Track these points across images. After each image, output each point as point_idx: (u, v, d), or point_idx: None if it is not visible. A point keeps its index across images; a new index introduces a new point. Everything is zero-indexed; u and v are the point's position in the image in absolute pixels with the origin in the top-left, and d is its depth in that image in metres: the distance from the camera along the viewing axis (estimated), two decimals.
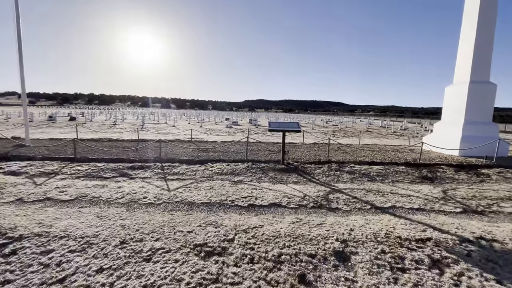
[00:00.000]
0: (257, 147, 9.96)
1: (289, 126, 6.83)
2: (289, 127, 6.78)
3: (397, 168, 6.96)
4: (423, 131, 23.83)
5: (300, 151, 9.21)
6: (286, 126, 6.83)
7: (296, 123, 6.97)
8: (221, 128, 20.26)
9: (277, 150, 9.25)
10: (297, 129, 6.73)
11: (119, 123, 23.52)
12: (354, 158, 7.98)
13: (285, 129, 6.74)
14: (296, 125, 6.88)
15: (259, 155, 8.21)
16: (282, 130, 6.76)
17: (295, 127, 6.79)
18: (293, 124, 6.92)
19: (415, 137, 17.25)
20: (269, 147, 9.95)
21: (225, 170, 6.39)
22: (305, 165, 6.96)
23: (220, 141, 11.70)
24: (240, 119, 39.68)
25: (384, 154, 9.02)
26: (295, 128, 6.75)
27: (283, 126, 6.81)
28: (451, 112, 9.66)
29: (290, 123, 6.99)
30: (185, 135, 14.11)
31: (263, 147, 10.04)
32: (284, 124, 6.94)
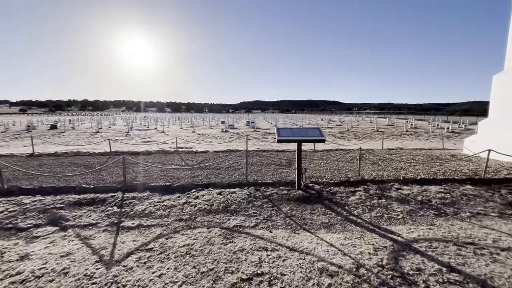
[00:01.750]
0: (259, 158, 7.84)
1: (307, 134, 4.71)
2: (307, 136, 4.66)
3: (463, 188, 4.87)
4: (435, 128, 21.89)
5: (315, 163, 7.09)
6: (302, 134, 4.71)
7: (317, 129, 4.85)
8: (216, 133, 18.10)
9: (285, 162, 7.14)
10: (320, 139, 4.61)
11: (104, 130, 21.24)
12: (393, 173, 5.89)
13: (302, 138, 4.62)
14: (317, 132, 4.75)
15: (264, 172, 6.08)
16: (297, 140, 4.64)
17: (317, 135, 4.67)
18: (312, 131, 4.80)
19: (446, 138, 15.22)
20: (274, 158, 7.84)
21: (215, 203, 4.24)
22: (331, 189, 4.84)
23: (213, 150, 9.56)
24: (236, 121, 37.54)
25: (424, 163, 6.94)
26: (317, 137, 4.63)
27: (298, 135, 4.69)
28: (504, 107, 7.60)
29: (306, 129, 4.87)
30: (172, 143, 11.92)
31: (266, 158, 7.92)
32: (299, 131, 4.81)
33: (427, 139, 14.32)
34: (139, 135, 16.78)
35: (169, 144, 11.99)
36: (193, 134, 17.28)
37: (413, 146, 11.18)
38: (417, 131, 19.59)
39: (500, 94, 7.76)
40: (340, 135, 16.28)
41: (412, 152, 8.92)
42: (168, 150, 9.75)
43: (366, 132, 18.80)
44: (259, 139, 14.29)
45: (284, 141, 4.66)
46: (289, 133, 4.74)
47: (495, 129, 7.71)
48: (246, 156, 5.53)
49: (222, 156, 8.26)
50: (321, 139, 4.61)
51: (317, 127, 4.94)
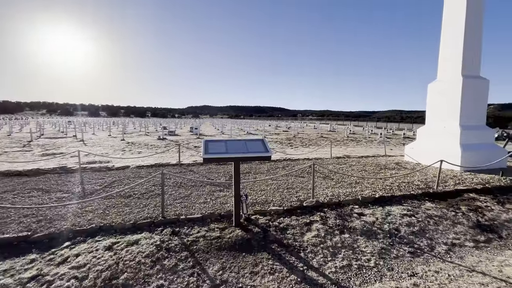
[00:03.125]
0: (192, 175, 6.20)
1: (247, 148, 3.36)
2: (247, 152, 3.30)
3: (424, 207, 4.23)
4: (370, 134, 23.70)
5: (261, 181, 5.84)
6: (239, 149, 3.33)
7: (260, 142, 3.56)
8: (150, 141, 15.53)
9: (225, 181, 5.69)
10: (265, 155, 3.31)
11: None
12: (349, 190, 5.03)
13: (240, 156, 3.25)
14: (261, 145, 3.45)
15: (193, 199, 4.51)
16: (233, 158, 3.25)
17: (260, 150, 3.36)
18: (254, 144, 3.47)
19: (382, 143, 16.01)
20: (212, 175, 6.31)
21: (93, 272, 2.49)
22: (281, 222, 3.59)
23: (136, 165, 7.46)
24: (180, 127, 34.59)
25: (376, 174, 6.42)
26: (261, 153, 3.31)
27: (234, 150, 3.30)
28: (439, 115, 7.78)
29: (246, 142, 3.53)
30: (86, 156, 9.20)
31: (201, 175, 6.34)
32: (236, 145, 3.43)
33: (367, 145, 14.86)
34: (44, 145, 13.04)
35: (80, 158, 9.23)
36: (120, 143, 14.37)
37: (358, 153, 11.13)
38: (356, 137, 20.71)
39: (435, 102, 7.96)
40: (287, 142, 15.75)
41: (360, 160, 8.56)
42: (71, 167, 7.23)
43: (311, 138, 18.89)
44: (199, 147, 12.50)
45: (213, 160, 3.21)
46: (221, 148, 3.32)
47: (432, 136, 7.84)
48: (163, 179, 3.86)
49: (143, 174, 6.33)
50: (266, 155, 3.32)
51: (261, 139, 3.66)
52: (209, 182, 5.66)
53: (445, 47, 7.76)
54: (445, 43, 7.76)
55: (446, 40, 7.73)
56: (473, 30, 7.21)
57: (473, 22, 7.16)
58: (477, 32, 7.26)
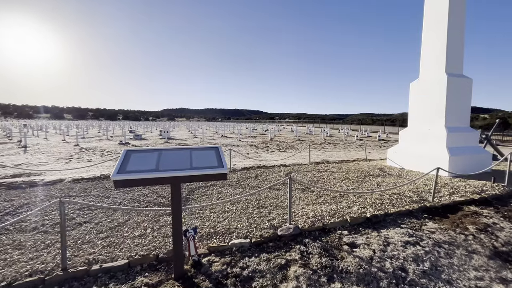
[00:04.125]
0: (140, 190, 4.88)
1: (190, 163, 2.22)
2: (190, 168, 2.16)
3: (428, 230, 3.38)
4: (346, 136, 23.62)
5: (225, 197, 4.71)
6: (178, 164, 2.19)
7: (213, 151, 2.44)
8: (109, 146, 13.68)
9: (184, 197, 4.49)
10: (218, 172, 2.18)
11: None
12: (334, 207, 4.08)
13: (176, 175, 2.10)
14: (214, 157, 2.34)
15: (125, 231, 3.26)
16: (167, 179, 2.09)
17: (211, 164, 2.24)
18: (203, 155, 2.35)
19: (360, 146, 15.60)
20: (166, 191, 5.05)
21: None
22: (245, 264, 2.50)
23: (73, 178, 5.94)
24: (151, 130, 32.32)
25: (361, 184, 5.59)
26: (212, 169, 2.19)
27: (170, 166, 2.15)
28: (423, 116, 7.24)
29: (191, 152, 2.40)
30: (14, 168, 7.38)
31: (152, 190, 5.05)
32: (175, 156, 2.29)
33: (345, 148, 14.36)
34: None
35: (4, 169, 7.40)
36: (72, 149, 12.39)
37: (337, 157, 10.43)
38: (333, 139, 20.37)
39: (418, 102, 7.42)
40: (263, 146, 14.77)
41: (341, 166, 7.77)
42: None
43: (289, 141, 18.13)
44: None
45: (132, 184, 2.02)
46: (150, 162, 2.15)
47: (416, 139, 7.27)
48: (62, 211, 2.57)
49: (75, 192, 4.88)
50: (219, 172, 2.20)
51: (216, 147, 2.53)
52: (158, 201, 4.40)
53: (427, 45, 7.26)
54: (427, 40, 7.26)
55: (428, 37, 7.24)
56: (457, 27, 6.76)
57: (456, 19, 6.71)
58: (460, 28, 6.83)
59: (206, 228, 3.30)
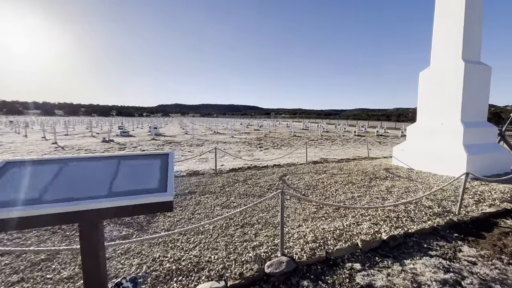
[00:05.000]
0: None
1: (110, 185, 1.31)
2: (111, 196, 1.25)
3: (466, 259, 2.54)
4: (343, 132, 22.84)
5: (200, 211, 3.82)
6: (97, 186, 1.28)
7: (160, 158, 1.54)
8: (91, 144, 12.62)
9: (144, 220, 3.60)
10: (158, 201, 1.29)
11: None
12: (338, 224, 3.22)
13: (88, 207, 1.18)
14: (156, 172, 1.43)
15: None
16: (54, 217, 1.17)
17: (150, 188, 1.33)
18: (140, 169, 1.44)
19: (358, 143, 14.79)
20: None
21: None
22: None
23: None
24: (141, 126, 31.10)
25: (368, 190, 4.74)
26: (149, 197, 1.28)
27: (74, 192, 1.23)
28: (434, 109, 6.40)
29: (124, 160, 1.50)
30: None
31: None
32: (88, 172, 1.38)
33: (343, 145, 13.55)
34: None
35: None
36: (48, 148, 11.31)
37: (336, 155, 9.59)
38: (330, 135, 19.57)
39: (428, 94, 6.57)
40: (257, 143, 13.87)
41: (342, 166, 6.92)
42: None
43: (284, 138, 17.25)
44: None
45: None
46: (33, 187, 1.22)
47: (426, 136, 6.44)
48: None
49: None
50: (160, 201, 1.29)
51: (165, 153, 1.62)
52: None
53: (440, 29, 6.38)
54: (440, 24, 6.38)
55: (442, 21, 6.35)
56: (475, 7, 5.89)
57: None
58: (479, 9, 5.96)
59: (167, 263, 2.40)
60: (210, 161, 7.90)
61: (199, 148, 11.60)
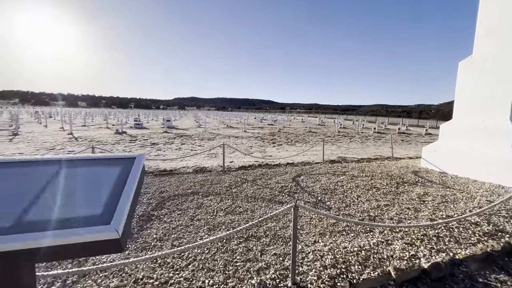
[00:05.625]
0: None
1: (24, 209, 0.85)
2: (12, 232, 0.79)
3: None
4: (362, 128, 21.66)
5: (202, 219, 3.36)
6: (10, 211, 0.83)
7: (122, 165, 1.07)
8: (104, 135, 12.63)
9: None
10: (97, 239, 0.82)
11: None
12: (363, 241, 2.64)
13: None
14: (105, 191, 0.96)
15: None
16: None
17: (86, 217, 0.86)
18: (96, 182, 0.98)
19: (377, 140, 13.85)
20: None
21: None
22: None
23: None
24: (157, 119, 31.40)
25: (396, 197, 4.09)
26: (79, 235, 0.81)
27: None
28: (477, 105, 5.53)
29: (75, 165, 1.04)
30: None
31: None
32: (17, 186, 0.93)
33: (362, 143, 12.68)
34: None
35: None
36: (62, 138, 11.40)
37: (355, 153, 8.85)
38: (348, 132, 18.59)
39: (470, 87, 5.69)
40: (270, 138, 13.30)
41: (363, 167, 6.24)
42: None
43: (298, 133, 16.54)
44: (158, 146, 9.81)
45: None
46: None
47: (465, 136, 5.60)
48: None
49: None
50: (102, 239, 0.81)
51: (132, 157, 1.14)
52: None
53: (488, 10, 5.44)
54: (489, 3, 5.44)
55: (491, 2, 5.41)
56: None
57: None
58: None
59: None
60: (219, 157, 7.47)
61: (210, 142, 11.24)
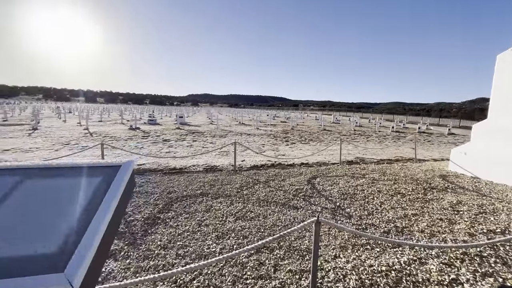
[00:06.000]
0: None
1: None
2: None
3: None
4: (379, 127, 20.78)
5: (210, 224, 3.12)
6: None
7: (105, 181, 0.83)
8: (118, 131, 12.77)
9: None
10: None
11: None
12: (391, 259, 2.30)
13: None
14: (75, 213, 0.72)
15: None
16: None
17: (25, 258, 0.61)
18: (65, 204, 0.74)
19: (397, 139, 13.19)
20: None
21: None
22: None
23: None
24: (170, 115, 31.75)
25: (424, 205, 3.67)
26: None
27: None
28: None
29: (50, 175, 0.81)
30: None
31: None
32: None
33: (380, 142, 12.07)
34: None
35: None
36: (78, 134, 11.62)
37: (374, 154, 8.35)
38: (365, 130, 17.87)
39: (509, 82, 5.10)
40: (283, 136, 12.94)
41: (384, 170, 5.80)
42: None
43: (312, 131, 16.06)
44: (169, 143, 9.73)
45: None
46: None
47: (503, 137, 5.03)
48: None
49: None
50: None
51: (117, 165, 0.89)
52: None
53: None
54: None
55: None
56: None
57: None
58: None
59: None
60: (231, 155, 7.24)
61: (221, 139, 11.05)
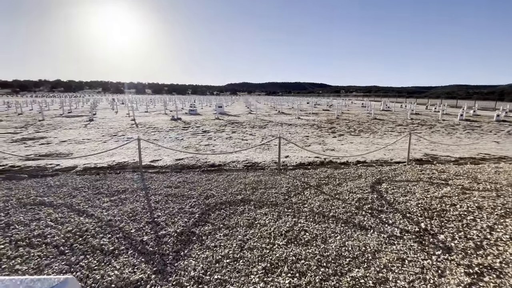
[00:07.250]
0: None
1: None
2: None
3: None
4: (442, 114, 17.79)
5: (255, 247, 2.49)
6: None
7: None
8: (160, 122, 13.09)
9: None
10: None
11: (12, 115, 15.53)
12: None
13: None
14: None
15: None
16: None
17: None
18: None
19: (471, 130, 11.01)
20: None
21: None
22: None
23: (82, 168, 4.74)
24: (210, 104, 32.32)
25: None
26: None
27: None
28: None
29: None
30: (58, 145, 6.95)
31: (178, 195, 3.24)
32: None
33: (449, 133, 10.09)
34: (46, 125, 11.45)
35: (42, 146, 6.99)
36: (126, 124, 12.19)
37: (447, 149, 6.80)
38: (424, 119, 15.45)
39: None
40: (329, 126, 11.74)
41: (473, 174, 4.50)
42: None
43: (361, 120, 14.40)
44: (209, 133, 9.45)
45: None
46: None
47: None
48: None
49: (66, 191, 3.48)
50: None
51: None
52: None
53: None
54: None
55: None
56: None
57: None
58: None
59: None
60: (272, 149, 6.56)
61: (261, 130, 10.42)
